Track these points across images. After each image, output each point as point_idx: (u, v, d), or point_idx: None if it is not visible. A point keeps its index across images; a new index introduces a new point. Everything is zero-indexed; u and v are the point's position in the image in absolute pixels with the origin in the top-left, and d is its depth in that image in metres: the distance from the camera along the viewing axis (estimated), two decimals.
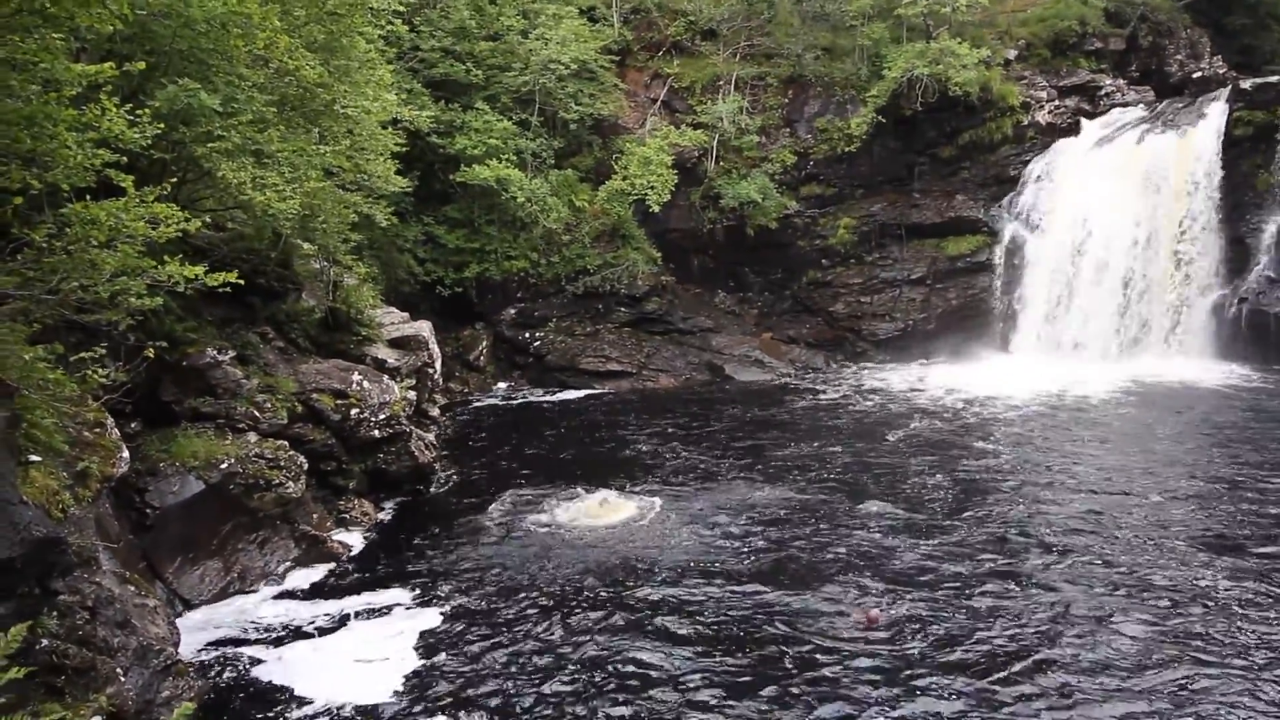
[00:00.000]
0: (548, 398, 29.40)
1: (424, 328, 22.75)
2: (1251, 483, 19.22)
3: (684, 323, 32.80)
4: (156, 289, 12.68)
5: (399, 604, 15.26)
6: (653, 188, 30.70)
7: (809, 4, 35.69)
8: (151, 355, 12.82)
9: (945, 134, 33.48)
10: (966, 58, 31.27)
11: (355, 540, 17.85)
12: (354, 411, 18.47)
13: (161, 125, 13.32)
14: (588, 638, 13.74)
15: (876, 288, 33.40)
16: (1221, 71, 35.79)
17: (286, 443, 16.85)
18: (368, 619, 14.83)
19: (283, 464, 16.30)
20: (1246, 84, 31.77)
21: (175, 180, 14.18)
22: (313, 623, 14.75)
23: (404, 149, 24.90)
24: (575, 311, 32.12)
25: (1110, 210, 31.10)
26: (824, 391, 28.99)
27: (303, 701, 12.50)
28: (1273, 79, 31.60)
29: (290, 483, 16.26)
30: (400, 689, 12.67)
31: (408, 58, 30.24)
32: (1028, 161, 33.30)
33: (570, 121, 32.23)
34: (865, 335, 33.13)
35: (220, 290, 13.37)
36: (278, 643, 14.13)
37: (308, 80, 16.87)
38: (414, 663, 13.33)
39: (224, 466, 15.54)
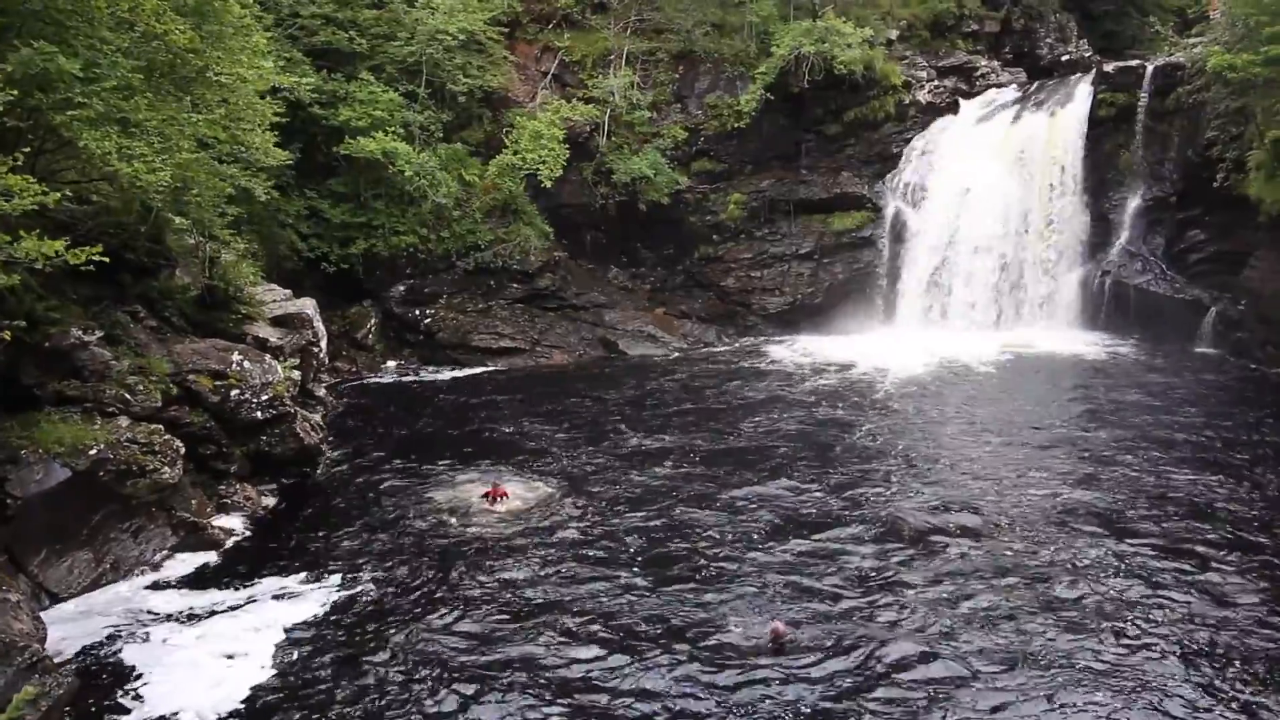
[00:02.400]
0: (439, 376, 28.93)
1: (308, 305, 22.07)
2: (1123, 457, 20.03)
3: (577, 298, 32.70)
4: (13, 266, 11.98)
5: (279, 593, 14.88)
6: (544, 162, 30.35)
7: None
8: (9, 337, 12.11)
9: (831, 111, 34.12)
10: (851, 37, 31.90)
11: (237, 526, 17.31)
12: (234, 392, 17.83)
13: (14, 91, 12.56)
14: (471, 639, 13.37)
15: (766, 262, 33.94)
16: (1087, 55, 37.48)
17: (161, 426, 16.18)
18: (243, 610, 14.38)
19: (157, 448, 15.64)
20: (1109, 67, 33.38)
21: (30, 150, 13.41)
22: (185, 614, 14.26)
23: (284, 120, 23.87)
24: (467, 288, 31.63)
25: (986, 187, 32.34)
26: (715, 366, 29.33)
27: (148, 700, 12.04)
28: (1133, 63, 33.31)
29: (166, 468, 15.62)
30: (255, 691, 12.19)
31: (286, 24, 29.04)
32: (909, 139, 34.27)
33: (459, 94, 31.56)
34: (756, 309, 33.67)
35: (85, 267, 12.76)
36: (144, 636, 13.61)
37: (177, 45, 16.11)
38: (280, 660, 12.93)
39: (93, 452, 14.81)
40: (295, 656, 13.02)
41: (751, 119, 33.15)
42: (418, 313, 30.93)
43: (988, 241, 32.53)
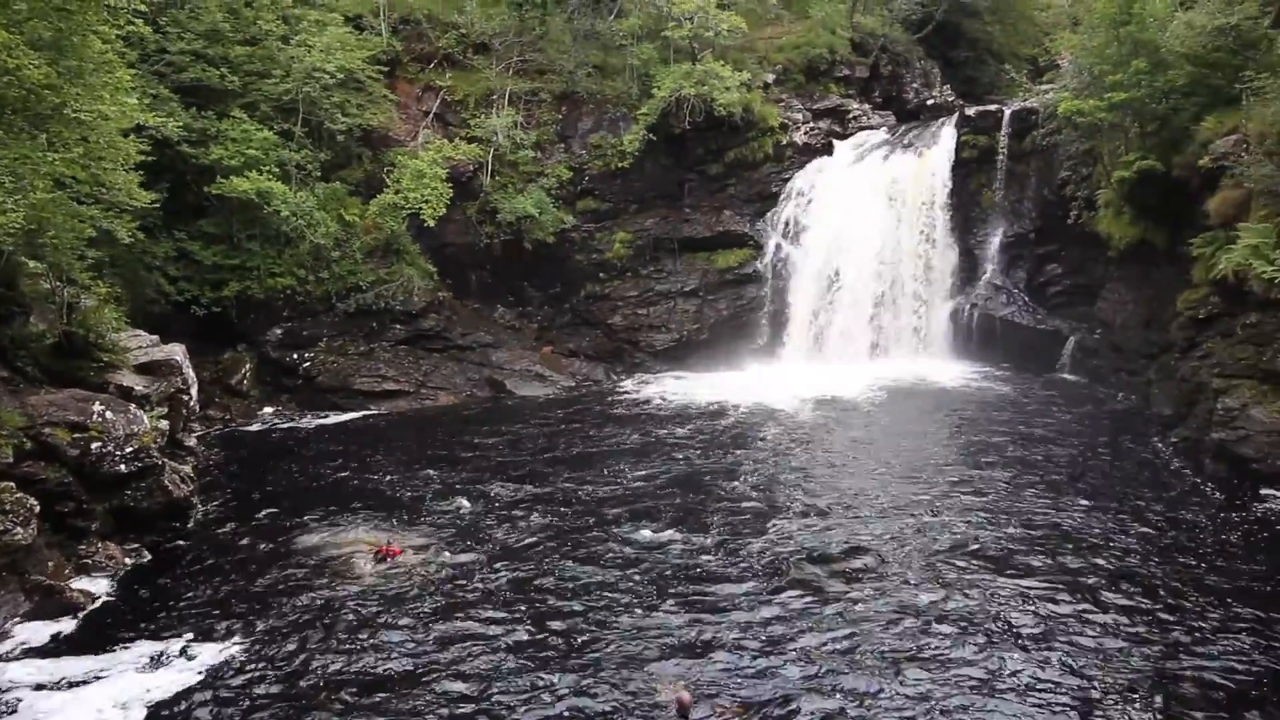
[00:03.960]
0: (319, 421, 27.99)
1: (177, 351, 21.09)
2: (1002, 487, 20.53)
3: (463, 339, 32.28)
4: None
5: (144, 661, 13.98)
6: (427, 201, 30.07)
7: (580, 22, 36.22)
8: None
9: (712, 152, 34.93)
10: (729, 80, 32.80)
11: (99, 588, 16.25)
12: (95, 445, 16.83)
13: None
14: (347, 710, 12.54)
15: (652, 300, 34.29)
16: (951, 99, 39.57)
17: (13, 484, 15.11)
18: (104, 680, 13.40)
19: (8, 507, 14.60)
20: (971, 111, 35.27)
21: None
22: (38, 686, 13.22)
23: (150, 159, 23.08)
24: (348, 330, 30.84)
25: (861, 224, 33.55)
26: (602, 405, 29.31)
27: None
28: (991, 107, 35.29)
29: (18, 528, 14.59)
30: None
31: (152, 60, 28.00)
32: (788, 179, 35.35)
33: (337, 132, 30.95)
34: (643, 346, 33.92)
35: None
36: None
37: (32, 81, 15.34)
38: None
39: None
40: None
41: (635, 159, 33.63)
42: (296, 356, 29.96)
43: (864, 277, 33.67)
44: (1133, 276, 28.67)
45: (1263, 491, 19.59)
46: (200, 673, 13.57)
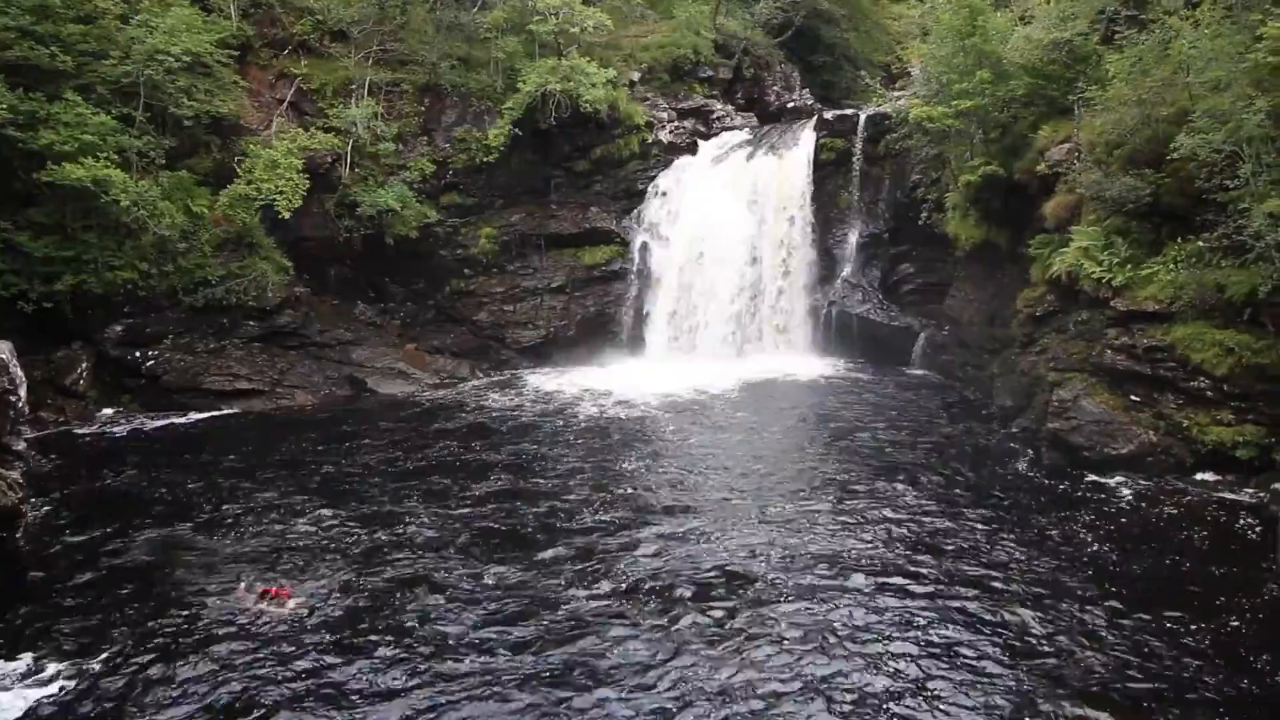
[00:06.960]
0: (165, 423, 26.46)
1: (3, 349, 19.50)
2: (867, 486, 20.74)
3: (321, 336, 31.16)
4: None
5: None
6: (281, 193, 28.78)
7: (443, 13, 35.47)
8: None
9: (579, 148, 34.86)
10: (595, 77, 32.80)
11: None
12: None
13: None
14: None
15: (519, 296, 33.98)
16: (810, 103, 40.79)
17: None
18: None
19: None
20: (829, 115, 36.40)
21: None
22: None
23: None
24: (196, 327, 29.22)
25: (725, 223, 34.18)
26: (465, 405, 28.73)
27: None
28: (848, 112, 36.53)
29: None
30: None
31: None
32: (653, 177, 35.66)
33: (183, 119, 29.27)
34: (509, 343, 33.59)
35: None
36: None
37: None
38: None
39: None
40: None
41: (501, 154, 33.20)
42: (139, 354, 28.24)
43: (728, 274, 34.33)
44: (978, 275, 30.19)
45: (1091, 478, 20.93)
46: (30, 703, 12.56)
